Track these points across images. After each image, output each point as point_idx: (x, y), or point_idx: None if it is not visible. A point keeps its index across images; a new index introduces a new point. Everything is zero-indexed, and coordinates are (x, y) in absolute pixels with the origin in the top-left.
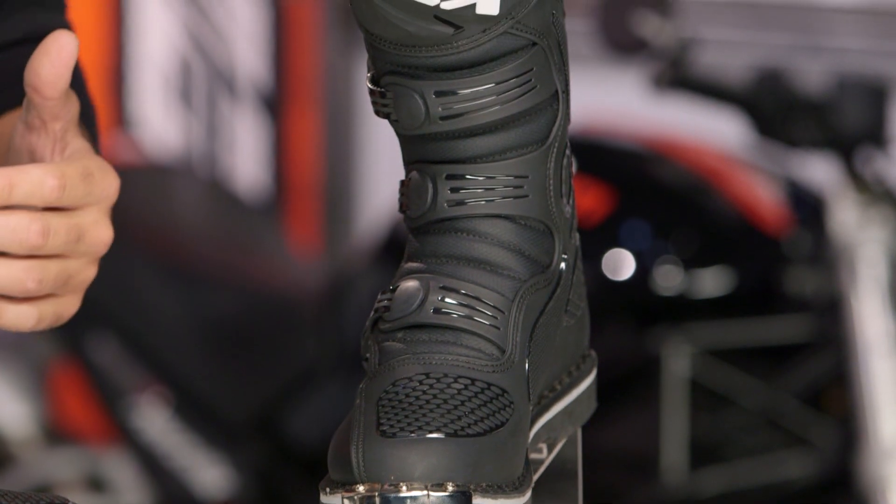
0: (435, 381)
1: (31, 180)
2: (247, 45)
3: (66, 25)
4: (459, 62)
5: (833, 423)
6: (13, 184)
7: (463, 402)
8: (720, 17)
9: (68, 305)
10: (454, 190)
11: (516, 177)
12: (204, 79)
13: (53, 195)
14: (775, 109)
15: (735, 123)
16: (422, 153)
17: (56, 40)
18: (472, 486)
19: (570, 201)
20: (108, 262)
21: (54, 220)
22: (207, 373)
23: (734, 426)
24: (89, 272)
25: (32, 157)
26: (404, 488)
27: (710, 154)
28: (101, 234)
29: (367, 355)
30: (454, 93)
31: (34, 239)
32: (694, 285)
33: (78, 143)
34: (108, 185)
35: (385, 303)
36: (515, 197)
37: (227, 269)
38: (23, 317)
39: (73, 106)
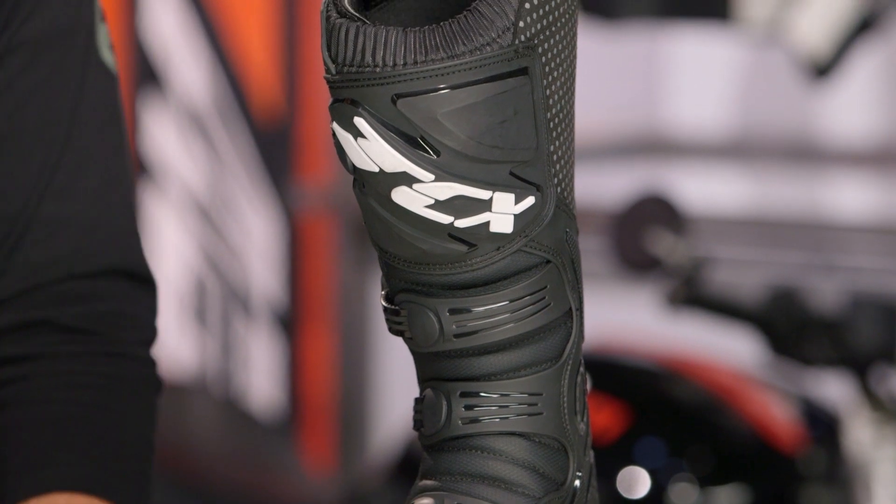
0: None
1: None
2: (261, 263)
3: None
4: (473, 280)
5: None
6: None
7: None
8: (733, 235)
9: None
10: (468, 407)
11: (531, 394)
12: (218, 297)
13: None
14: (789, 328)
15: (749, 342)
16: (436, 370)
17: None
18: None
19: (585, 419)
20: None
21: None
22: None
23: None
24: None
25: None
26: None
27: (724, 372)
28: None
29: None
30: (468, 310)
31: None
32: (709, 503)
33: None
34: None
35: None
36: (530, 414)
37: (241, 486)
38: None
39: None
